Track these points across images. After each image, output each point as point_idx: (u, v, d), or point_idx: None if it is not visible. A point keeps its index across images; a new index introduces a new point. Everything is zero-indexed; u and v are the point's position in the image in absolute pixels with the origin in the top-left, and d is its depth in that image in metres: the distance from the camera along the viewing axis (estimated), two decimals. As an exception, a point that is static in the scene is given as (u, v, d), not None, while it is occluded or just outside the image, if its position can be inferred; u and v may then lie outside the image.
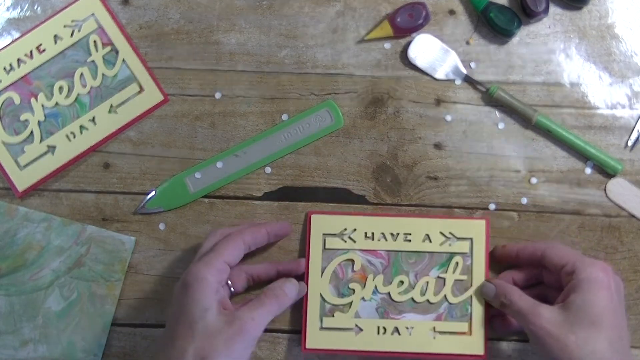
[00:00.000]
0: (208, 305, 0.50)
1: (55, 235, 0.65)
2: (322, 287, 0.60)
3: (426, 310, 0.60)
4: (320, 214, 0.61)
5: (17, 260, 0.65)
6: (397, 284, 0.60)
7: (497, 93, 0.65)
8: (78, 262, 0.65)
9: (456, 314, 0.59)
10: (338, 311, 0.60)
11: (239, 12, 0.68)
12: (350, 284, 0.60)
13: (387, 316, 0.60)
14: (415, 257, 0.60)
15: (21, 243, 0.65)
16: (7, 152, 0.66)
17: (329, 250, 0.61)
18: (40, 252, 0.65)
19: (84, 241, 0.65)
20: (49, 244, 0.65)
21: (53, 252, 0.65)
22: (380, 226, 0.61)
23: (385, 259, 0.61)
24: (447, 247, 0.60)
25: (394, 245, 0.60)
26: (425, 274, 0.60)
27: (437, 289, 0.60)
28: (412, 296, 0.60)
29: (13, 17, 0.68)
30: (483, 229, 0.60)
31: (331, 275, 0.60)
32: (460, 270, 0.60)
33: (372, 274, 0.60)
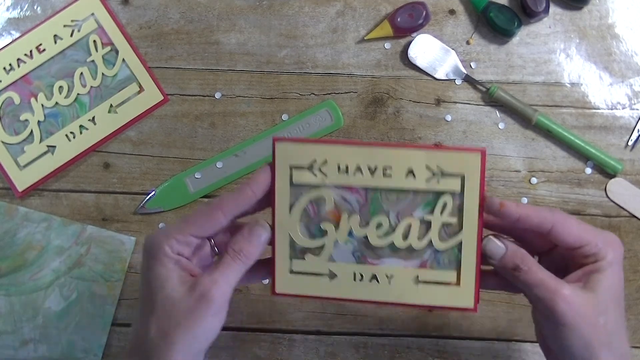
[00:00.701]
0: (166, 275, 0.46)
1: (55, 235, 0.65)
2: (291, 226, 0.52)
3: (408, 256, 0.52)
4: (285, 142, 0.51)
5: (17, 260, 0.65)
6: (375, 225, 0.51)
7: (497, 93, 0.65)
8: (78, 262, 0.65)
9: (443, 261, 0.51)
10: (309, 253, 0.52)
11: (239, 12, 0.68)
12: (323, 224, 0.52)
13: (365, 261, 0.52)
14: (397, 195, 0.51)
15: (21, 243, 0.65)
16: (7, 152, 0.66)
17: (297, 185, 0.52)
18: (40, 252, 0.65)
19: (84, 241, 0.65)
20: (49, 244, 0.65)
21: (53, 252, 0.65)
22: (356, 157, 0.51)
23: (362, 196, 0.52)
24: (435, 184, 0.50)
25: (372, 180, 0.51)
26: (408, 214, 0.51)
27: (421, 233, 0.51)
28: (393, 240, 0.51)
29: (13, 17, 0.68)
30: (478, 163, 0.50)
31: (301, 214, 0.52)
32: (449, 211, 0.50)
33: (347, 213, 0.51)
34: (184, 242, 0.47)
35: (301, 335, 0.66)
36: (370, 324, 0.65)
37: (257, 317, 0.66)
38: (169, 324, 0.45)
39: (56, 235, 0.65)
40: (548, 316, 0.46)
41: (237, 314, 0.66)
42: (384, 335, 0.65)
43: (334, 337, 0.65)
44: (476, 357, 0.65)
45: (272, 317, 0.66)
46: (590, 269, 0.48)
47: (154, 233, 0.48)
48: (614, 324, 0.47)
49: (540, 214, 0.48)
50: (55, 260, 0.65)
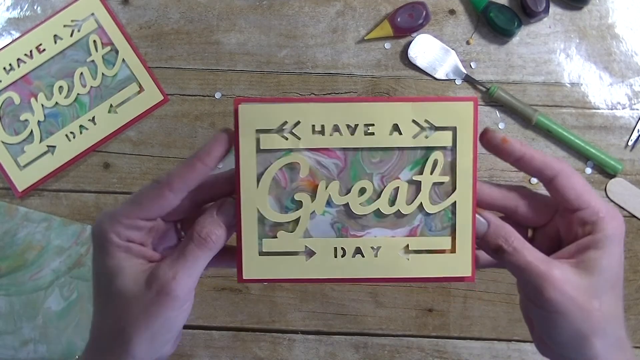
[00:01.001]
0: (116, 268, 0.40)
1: (55, 235, 0.65)
2: (259, 201, 0.45)
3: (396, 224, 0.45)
4: (250, 103, 0.45)
5: (17, 260, 0.65)
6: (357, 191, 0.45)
7: (497, 93, 0.65)
8: (78, 262, 0.65)
9: (435, 226, 0.45)
10: (282, 230, 0.45)
11: (239, 12, 0.68)
12: (296, 195, 0.45)
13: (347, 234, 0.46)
14: (381, 155, 0.45)
15: (21, 243, 0.65)
16: (7, 152, 0.66)
17: (265, 151, 0.45)
18: (40, 252, 0.65)
19: (84, 241, 0.65)
20: (49, 244, 0.65)
21: (53, 252, 0.65)
22: (333, 115, 0.45)
23: (341, 159, 0.45)
24: (423, 140, 0.45)
25: (352, 140, 0.45)
26: (395, 176, 0.45)
27: (410, 196, 0.45)
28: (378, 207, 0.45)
29: (13, 17, 0.68)
30: (471, 112, 0.44)
31: (270, 185, 0.45)
32: (440, 169, 0.45)
33: (325, 180, 0.45)
34: (132, 226, 0.41)
35: (301, 335, 0.66)
36: (370, 324, 0.65)
37: (257, 317, 0.66)
38: (126, 320, 0.40)
39: (56, 235, 0.65)
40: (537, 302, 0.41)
41: (237, 314, 0.66)
42: (384, 335, 0.65)
43: (334, 337, 0.65)
44: (476, 357, 0.65)
45: (272, 317, 0.66)
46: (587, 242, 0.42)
47: (99, 218, 0.41)
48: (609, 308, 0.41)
49: (546, 159, 0.43)
50: (55, 260, 0.65)
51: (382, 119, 0.44)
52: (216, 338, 0.66)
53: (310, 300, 0.66)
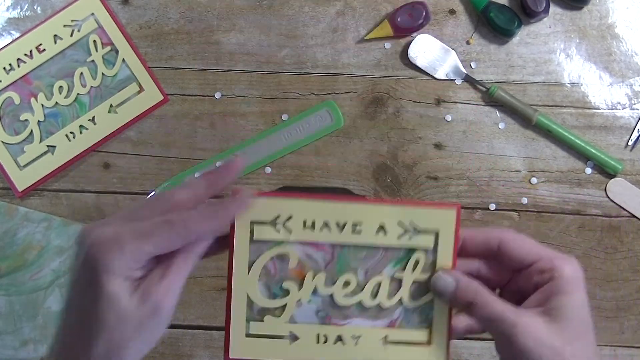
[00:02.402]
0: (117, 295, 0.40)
1: (55, 235, 0.65)
2: (249, 286, 0.48)
3: (377, 316, 0.49)
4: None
5: (17, 260, 0.65)
6: (342, 284, 0.49)
7: (497, 93, 0.65)
8: None
9: (413, 320, 0.49)
10: (269, 315, 0.49)
11: (239, 12, 0.68)
12: (285, 283, 0.48)
13: (329, 322, 0.49)
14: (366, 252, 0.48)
15: (21, 243, 0.65)
16: (7, 152, 0.66)
17: (258, 242, 0.48)
18: (40, 252, 0.65)
19: None
20: (49, 244, 0.65)
21: (53, 252, 0.65)
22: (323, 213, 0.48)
23: (328, 253, 0.49)
24: (407, 241, 0.48)
25: (340, 236, 0.48)
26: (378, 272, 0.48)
27: (391, 291, 0.49)
28: (361, 299, 0.49)
29: (13, 17, 0.68)
30: (453, 219, 0.48)
31: (261, 272, 0.48)
32: (421, 269, 0.48)
33: (312, 271, 0.48)
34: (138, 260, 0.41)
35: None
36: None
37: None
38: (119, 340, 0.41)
39: (56, 235, 0.65)
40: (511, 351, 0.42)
41: (237, 314, 0.66)
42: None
43: (334, 337, 0.65)
44: (476, 357, 0.65)
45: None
46: (549, 288, 0.43)
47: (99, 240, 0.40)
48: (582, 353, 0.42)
49: (485, 232, 0.46)
50: (55, 260, 0.65)
51: (370, 219, 0.48)
52: (216, 338, 0.66)
53: None
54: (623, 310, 0.64)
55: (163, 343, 0.65)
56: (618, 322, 0.64)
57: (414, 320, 0.49)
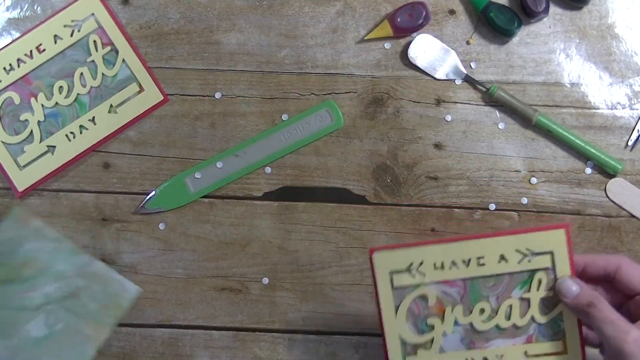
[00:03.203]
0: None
1: (60, 260, 0.64)
2: (400, 327, 0.55)
3: (514, 334, 0.55)
4: (382, 251, 0.55)
5: (13, 272, 0.63)
6: (478, 312, 0.55)
7: (497, 93, 0.65)
8: (74, 293, 0.63)
9: (548, 333, 0.55)
10: (421, 349, 0.55)
11: (239, 12, 0.68)
12: (429, 320, 0.55)
13: (474, 346, 0.55)
14: (494, 280, 0.55)
15: (23, 256, 0.64)
16: (7, 152, 0.66)
17: (399, 288, 0.55)
18: (39, 272, 0.63)
19: (87, 274, 0.64)
20: (51, 267, 0.63)
21: (52, 276, 0.63)
22: (449, 254, 0.55)
23: (461, 287, 0.55)
24: (527, 264, 0.54)
25: (468, 271, 0.55)
26: (507, 296, 0.55)
27: (522, 311, 0.55)
28: (497, 322, 0.55)
29: (13, 17, 0.68)
30: (563, 238, 0.53)
31: (407, 314, 0.55)
32: (545, 286, 0.54)
33: (450, 305, 0.55)
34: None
35: (301, 335, 0.66)
36: (370, 324, 0.65)
37: (257, 317, 0.66)
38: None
39: (62, 260, 0.64)
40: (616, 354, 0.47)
41: (237, 314, 0.66)
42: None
43: (334, 337, 0.65)
44: (476, 357, 0.65)
45: (272, 317, 0.66)
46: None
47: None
48: None
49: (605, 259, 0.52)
50: (51, 284, 0.63)
51: (490, 252, 0.54)
52: (216, 338, 0.66)
53: (310, 300, 0.66)
54: (623, 310, 0.64)
55: (163, 343, 0.65)
56: (618, 322, 0.64)
57: (548, 333, 0.54)
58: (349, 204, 0.66)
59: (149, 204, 0.66)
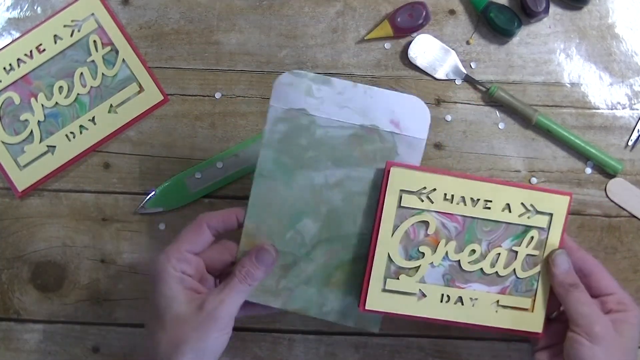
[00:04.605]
0: (172, 295, 0.50)
1: None
2: (391, 247, 0.56)
3: (492, 282, 0.57)
4: (400, 167, 0.55)
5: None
6: (468, 252, 0.57)
7: (497, 93, 0.65)
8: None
9: (521, 289, 0.57)
10: (403, 274, 0.56)
11: (239, 12, 0.68)
12: (421, 247, 0.57)
13: (453, 284, 0.57)
14: (492, 226, 0.57)
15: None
16: (7, 152, 0.66)
17: (404, 208, 0.56)
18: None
19: None
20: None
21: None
22: (462, 189, 0.56)
23: (460, 224, 0.57)
24: (525, 220, 0.57)
25: (472, 211, 0.57)
26: (498, 244, 0.57)
27: (507, 262, 0.57)
28: (482, 267, 0.57)
29: (13, 17, 0.68)
30: (565, 205, 0.57)
31: (402, 235, 0.56)
32: (534, 244, 0.57)
33: (445, 239, 0.57)
34: (183, 259, 0.51)
35: (301, 335, 0.66)
36: (370, 324, 0.65)
37: (257, 317, 0.66)
38: (179, 338, 0.48)
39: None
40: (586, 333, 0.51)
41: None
42: (384, 335, 0.65)
43: (334, 337, 0.65)
44: (476, 357, 0.65)
45: (272, 317, 0.66)
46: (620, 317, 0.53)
47: (155, 256, 0.51)
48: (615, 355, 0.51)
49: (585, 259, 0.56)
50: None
51: (499, 198, 0.56)
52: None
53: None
54: (623, 310, 0.64)
55: (163, 343, 0.65)
56: (618, 322, 0.64)
57: (522, 289, 0.57)
58: (349, 204, 0.66)
59: (149, 204, 0.66)
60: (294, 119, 0.53)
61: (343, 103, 0.54)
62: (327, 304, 0.55)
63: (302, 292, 0.55)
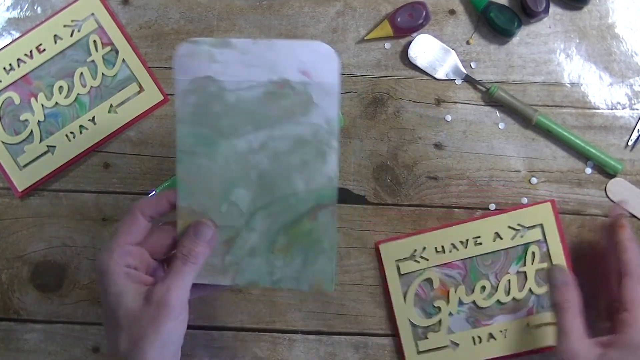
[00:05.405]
0: (120, 291, 0.48)
1: None
2: (409, 312, 0.61)
3: (515, 309, 0.59)
4: (387, 242, 0.61)
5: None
6: (479, 290, 0.59)
7: (497, 93, 0.65)
8: None
9: (546, 304, 0.59)
10: (430, 332, 0.60)
11: (239, 12, 0.68)
12: (435, 302, 0.60)
13: (479, 324, 0.59)
14: (491, 258, 0.59)
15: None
16: (7, 152, 0.66)
17: (405, 274, 0.61)
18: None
19: None
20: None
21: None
22: (448, 238, 0.60)
23: (462, 268, 0.60)
24: (520, 240, 0.59)
25: (467, 252, 0.60)
26: (505, 272, 0.59)
27: (520, 284, 0.59)
28: (498, 298, 0.59)
29: (13, 17, 0.68)
30: (550, 211, 0.59)
31: (414, 299, 0.60)
32: (538, 259, 0.59)
33: (454, 287, 0.60)
34: (125, 253, 0.49)
35: (301, 335, 0.66)
36: (370, 324, 0.65)
37: (257, 317, 0.66)
38: (136, 335, 0.47)
39: None
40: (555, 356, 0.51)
41: (237, 314, 0.66)
42: (384, 335, 0.65)
43: (334, 337, 0.65)
44: (476, 357, 0.65)
45: (272, 317, 0.66)
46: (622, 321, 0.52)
47: (98, 255, 0.50)
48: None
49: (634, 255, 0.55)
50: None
51: (486, 231, 0.59)
52: (216, 338, 0.66)
53: (310, 300, 0.66)
54: (623, 310, 0.64)
55: (163, 343, 0.65)
56: (618, 322, 0.64)
57: (546, 303, 0.58)
58: (348, 204, 0.65)
59: (149, 204, 0.66)
60: (201, 88, 0.50)
61: (248, 62, 0.49)
62: (277, 272, 0.51)
63: (248, 264, 0.51)
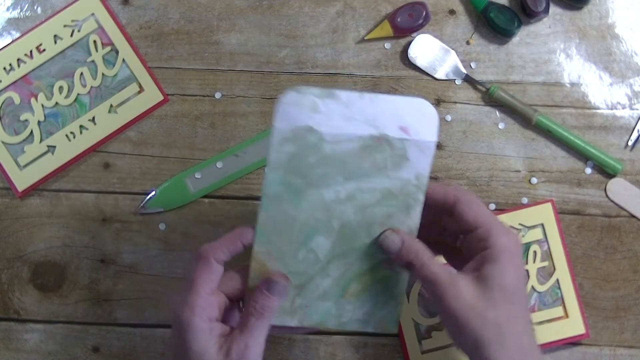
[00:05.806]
0: (203, 349, 0.47)
1: None
2: (413, 312, 0.61)
3: None
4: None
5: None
6: None
7: (497, 93, 0.65)
8: None
9: (548, 301, 0.59)
10: (434, 330, 0.60)
11: (239, 12, 0.68)
12: None
13: None
14: None
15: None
16: (7, 152, 0.66)
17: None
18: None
19: None
20: None
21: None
22: None
23: None
24: (521, 239, 0.60)
25: None
26: None
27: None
28: None
29: (13, 17, 0.68)
30: (551, 211, 0.60)
31: (417, 298, 0.61)
32: (540, 257, 0.60)
33: None
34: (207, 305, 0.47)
35: (301, 335, 0.66)
36: (370, 324, 0.65)
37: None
38: None
39: None
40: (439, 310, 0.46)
41: (237, 314, 0.66)
42: (384, 335, 0.65)
43: (334, 337, 0.65)
44: (476, 357, 0.65)
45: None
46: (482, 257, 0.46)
47: (176, 307, 0.48)
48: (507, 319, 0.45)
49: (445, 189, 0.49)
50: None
51: None
52: None
53: None
54: (623, 310, 0.64)
55: (163, 343, 0.65)
56: (618, 322, 0.64)
57: (548, 300, 0.59)
58: (349, 204, 0.65)
59: (149, 204, 0.66)
60: (300, 138, 0.49)
61: (350, 115, 0.49)
62: (345, 315, 0.52)
63: (318, 307, 0.51)
